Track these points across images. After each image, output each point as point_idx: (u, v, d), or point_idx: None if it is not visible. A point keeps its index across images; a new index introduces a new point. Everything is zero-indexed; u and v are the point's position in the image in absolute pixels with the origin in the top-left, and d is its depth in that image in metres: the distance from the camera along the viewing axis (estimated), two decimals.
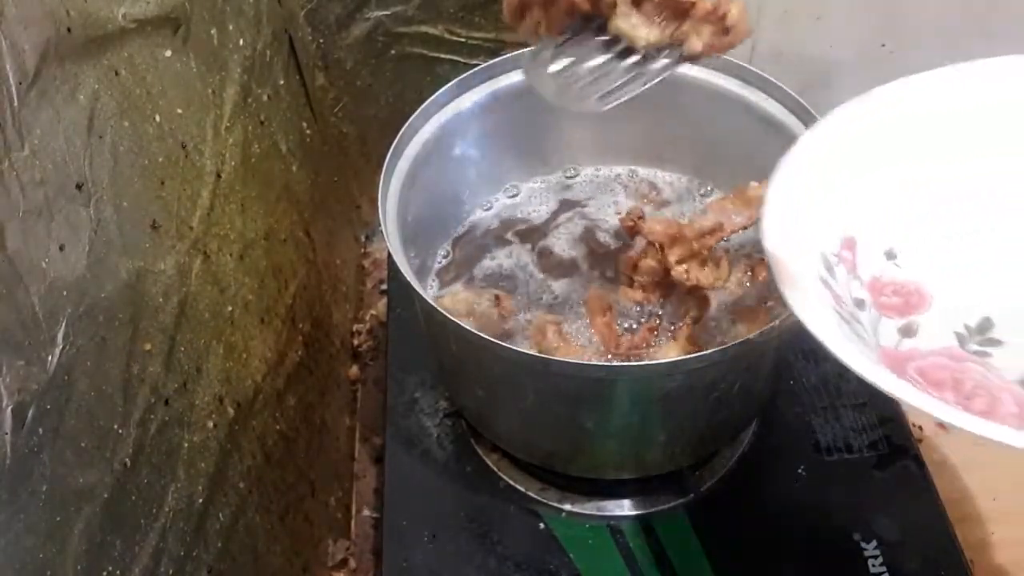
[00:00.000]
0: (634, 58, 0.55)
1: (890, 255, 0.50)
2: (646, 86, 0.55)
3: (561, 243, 0.74)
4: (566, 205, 0.77)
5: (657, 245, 0.62)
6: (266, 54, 0.73)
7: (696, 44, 0.53)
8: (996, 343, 0.47)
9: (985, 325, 0.48)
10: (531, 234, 0.75)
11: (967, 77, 0.51)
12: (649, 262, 0.64)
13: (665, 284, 0.65)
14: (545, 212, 0.77)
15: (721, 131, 0.71)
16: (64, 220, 0.40)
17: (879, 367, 0.41)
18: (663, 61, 0.54)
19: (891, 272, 0.49)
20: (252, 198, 0.66)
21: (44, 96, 0.40)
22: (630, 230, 0.65)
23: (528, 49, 0.57)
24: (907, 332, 0.47)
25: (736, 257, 0.68)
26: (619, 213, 0.75)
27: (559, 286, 0.71)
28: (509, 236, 0.75)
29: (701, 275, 0.61)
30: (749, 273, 0.66)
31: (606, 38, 0.54)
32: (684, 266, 0.61)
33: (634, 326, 0.66)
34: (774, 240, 0.46)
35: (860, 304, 0.48)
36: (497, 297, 0.66)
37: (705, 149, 0.74)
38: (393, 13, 0.88)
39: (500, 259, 0.73)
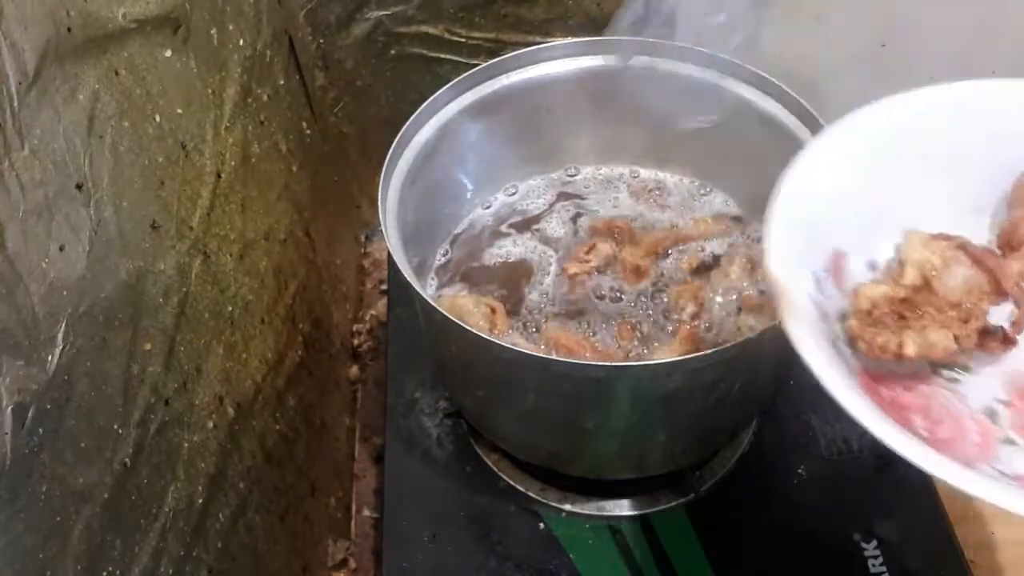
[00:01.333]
0: None
1: (872, 266, 0.49)
2: None
3: (553, 225, 0.75)
4: (563, 197, 0.78)
5: None
6: (266, 54, 0.73)
7: None
8: (966, 370, 0.46)
9: (964, 365, 0.47)
10: (529, 223, 0.75)
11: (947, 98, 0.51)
12: None
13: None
14: (543, 204, 0.77)
15: (721, 131, 0.71)
16: (64, 220, 0.40)
17: (858, 397, 0.40)
18: None
19: None
20: (252, 198, 0.66)
21: (44, 96, 0.40)
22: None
23: None
24: None
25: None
26: (616, 208, 0.76)
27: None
28: (504, 228, 0.75)
29: None
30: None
31: None
32: None
33: None
34: (777, 263, 0.45)
35: (844, 318, 0.47)
36: (492, 310, 0.66)
37: (706, 149, 0.74)
38: (393, 13, 0.88)
39: (507, 247, 0.74)
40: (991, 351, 0.46)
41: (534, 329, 0.67)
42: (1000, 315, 0.46)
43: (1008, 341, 0.46)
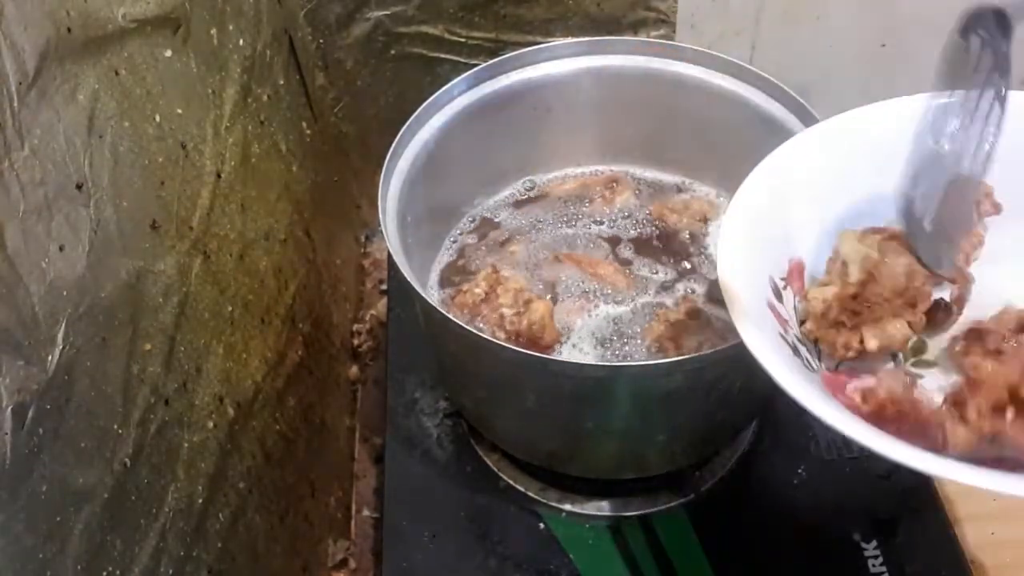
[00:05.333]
0: None
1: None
2: None
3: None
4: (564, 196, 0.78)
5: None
6: (266, 54, 0.73)
7: None
8: (928, 365, 0.47)
9: (919, 347, 0.48)
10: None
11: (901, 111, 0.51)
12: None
13: None
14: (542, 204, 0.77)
15: (721, 131, 0.71)
16: (64, 220, 0.40)
17: (819, 396, 0.41)
18: None
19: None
20: (252, 198, 0.66)
21: (44, 96, 0.40)
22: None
23: None
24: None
25: None
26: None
27: None
28: (504, 228, 0.75)
29: None
30: None
31: None
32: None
33: None
34: (728, 268, 0.46)
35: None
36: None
37: (706, 149, 0.74)
38: (393, 13, 0.88)
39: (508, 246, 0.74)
40: (939, 324, 0.48)
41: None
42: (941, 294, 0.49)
43: (951, 312, 0.48)
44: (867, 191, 0.51)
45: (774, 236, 0.49)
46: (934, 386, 0.46)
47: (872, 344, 0.46)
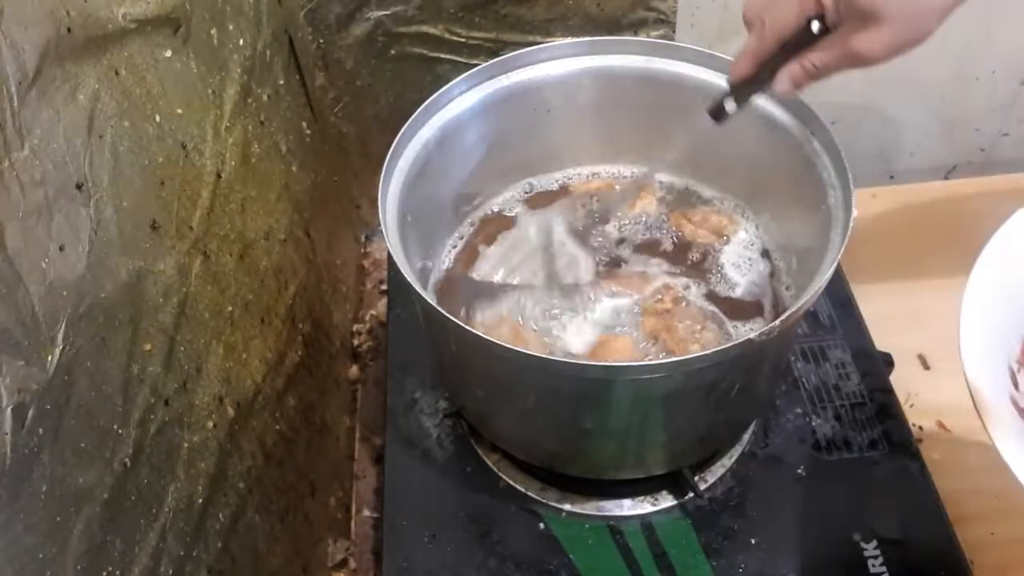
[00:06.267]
0: None
1: None
2: None
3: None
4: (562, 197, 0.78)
5: None
6: (266, 54, 0.73)
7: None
8: None
9: None
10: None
11: None
12: None
13: None
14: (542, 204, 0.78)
15: (721, 131, 0.71)
16: (64, 220, 0.40)
17: None
18: None
19: None
20: (252, 198, 0.66)
21: (44, 96, 0.40)
22: None
23: None
24: None
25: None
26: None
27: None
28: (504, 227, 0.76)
29: None
30: None
31: None
32: None
33: None
34: (977, 371, 0.43)
35: None
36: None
37: (706, 150, 0.74)
38: (393, 13, 0.88)
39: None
40: None
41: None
42: None
43: None
44: None
45: (1004, 319, 0.47)
46: None
47: None
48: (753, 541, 0.67)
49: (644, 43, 0.71)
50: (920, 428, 0.78)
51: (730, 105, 0.61)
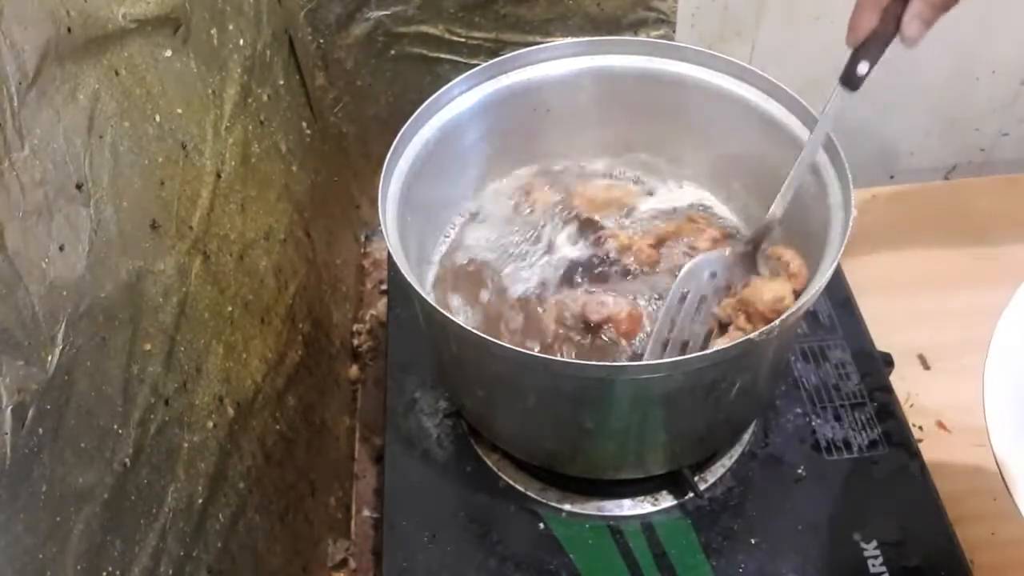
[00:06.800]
0: None
1: None
2: None
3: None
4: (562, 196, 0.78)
5: None
6: (266, 54, 0.73)
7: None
8: None
9: None
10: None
11: None
12: None
13: None
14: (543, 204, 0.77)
15: (721, 131, 0.71)
16: (64, 220, 0.40)
17: None
18: None
19: None
20: (252, 198, 0.66)
21: (44, 96, 0.40)
22: None
23: None
24: None
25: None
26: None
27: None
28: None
29: None
30: None
31: None
32: None
33: None
34: (1003, 443, 0.44)
35: None
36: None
37: (706, 149, 0.74)
38: (393, 13, 0.88)
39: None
40: None
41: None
42: None
43: None
44: None
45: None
46: None
47: None
48: (753, 541, 0.67)
49: (644, 43, 0.71)
50: (920, 428, 0.78)
51: (862, 67, 0.57)
